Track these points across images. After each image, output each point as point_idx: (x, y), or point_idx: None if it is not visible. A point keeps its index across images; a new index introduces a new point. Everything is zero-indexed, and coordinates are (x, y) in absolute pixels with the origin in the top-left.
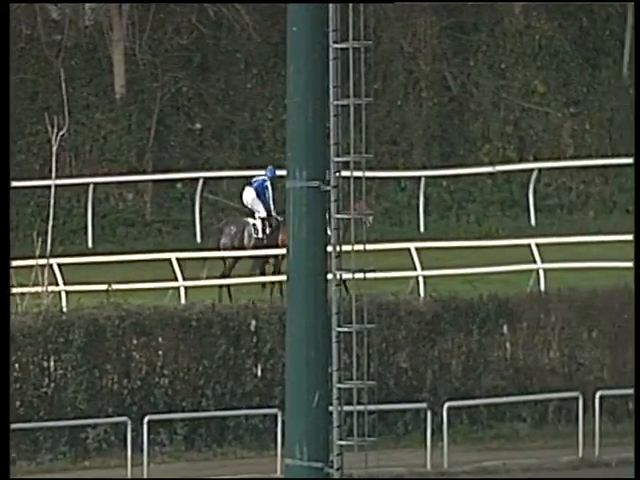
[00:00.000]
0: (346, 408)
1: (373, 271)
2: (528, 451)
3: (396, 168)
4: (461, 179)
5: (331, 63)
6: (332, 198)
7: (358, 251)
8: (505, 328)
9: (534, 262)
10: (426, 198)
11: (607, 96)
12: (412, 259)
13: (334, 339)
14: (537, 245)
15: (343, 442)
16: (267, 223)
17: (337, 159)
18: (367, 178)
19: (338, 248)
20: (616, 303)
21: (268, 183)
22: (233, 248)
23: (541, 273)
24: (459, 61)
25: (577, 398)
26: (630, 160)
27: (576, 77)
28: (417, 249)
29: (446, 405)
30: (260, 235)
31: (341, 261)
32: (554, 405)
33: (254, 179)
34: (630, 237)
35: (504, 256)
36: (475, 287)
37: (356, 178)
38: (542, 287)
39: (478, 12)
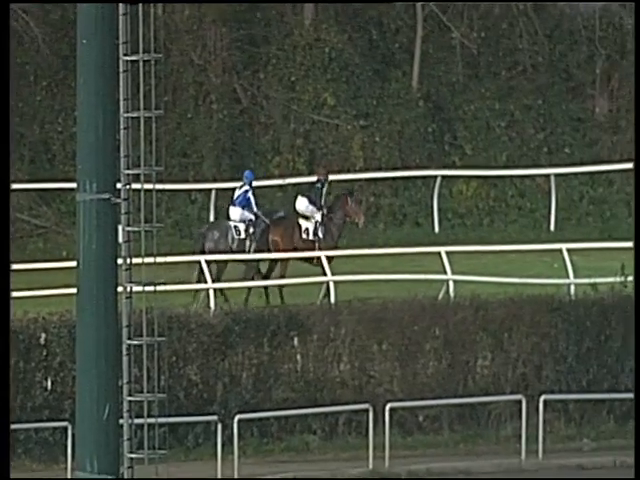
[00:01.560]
0: (136, 421)
1: (164, 284)
2: (319, 463)
3: (186, 181)
4: None
5: (121, 75)
6: (122, 211)
7: (149, 264)
8: (296, 340)
9: (324, 274)
10: (217, 211)
11: (397, 108)
12: (202, 272)
13: (124, 352)
14: (327, 257)
15: (133, 455)
16: (252, 225)
17: (127, 172)
18: (158, 191)
19: (128, 260)
20: (406, 315)
21: (250, 191)
22: (219, 252)
23: (331, 285)
24: (249, 73)
25: (367, 410)
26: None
27: (366, 89)
28: (207, 262)
29: (236, 418)
30: (243, 236)
31: (131, 274)
32: (344, 417)
33: (238, 192)
34: (420, 249)
35: (294, 268)
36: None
37: (146, 191)
38: (332, 299)
39: (268, 25)
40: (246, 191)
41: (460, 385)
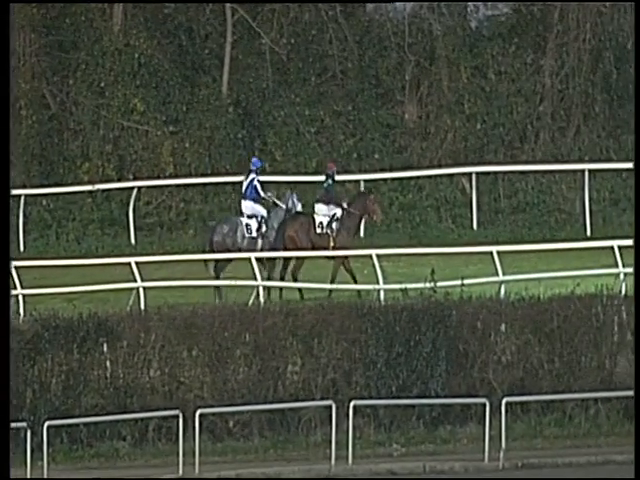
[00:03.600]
0: None
1: None
2: (128, 469)
3: None
4: (61, 198)
5: None
6: None
7: None
8: (105, 347)
9: (134, 280)
10: (26, 217)
11: (206, 114)
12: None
13: None
14: (137, 263)
15: None
16: (265, 223)
17: None
18: None
19: None
20: (216, 321)
21: (255, 178)
22: (225, 247)
23: (141, 291)
24: (58, 79)
25: (177, 416)
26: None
27: (175, 95)
28: (16, 267)
29: (46, 424)
30: (254, 235)
31: None
32: (154, 423)
33: (245, 183)
34: (230, 255)
35: (104, 274)
36: (75, 306)
37: None
38: (142, 305)
39: (77, 30)
40: (252, 179)
41: (270, 391)
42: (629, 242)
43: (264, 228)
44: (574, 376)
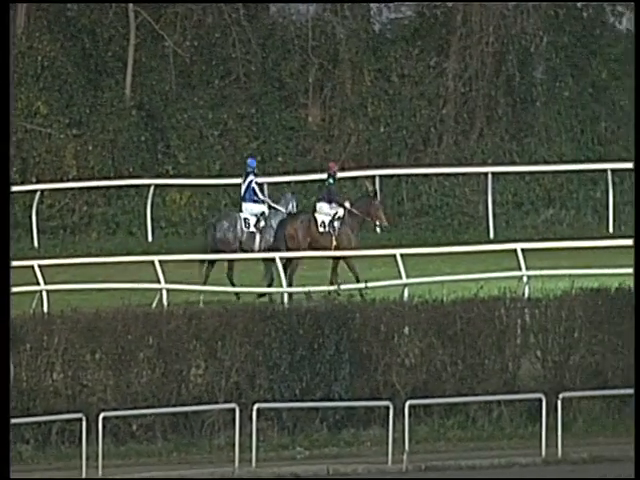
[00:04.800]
0: None
1: None
2: (32, 472)
3: None
4: None
5: None
6: None
7: None
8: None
9: (38, 284)
10: None
11: (110, 117)
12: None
13: None
14: (40, 266)
15: None
16: (263, 219)
17: None
18: None
19: None
20: (119, 324)
21: (253, 180)
22: (228, 243)
23: (44, 295)
24: None
25: (80, 419)
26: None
27: (79, 98)
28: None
29: None
30: (252, 230)
31: None
32: (58, 426)
33: (243, 185)
34: (134, 258)
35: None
36: None
37: None
38: (45, 308)
39: None
40: (250, 182)
41: (174, 394)
42: (532, 245)
43: (262, 223)
44: (477, 379)
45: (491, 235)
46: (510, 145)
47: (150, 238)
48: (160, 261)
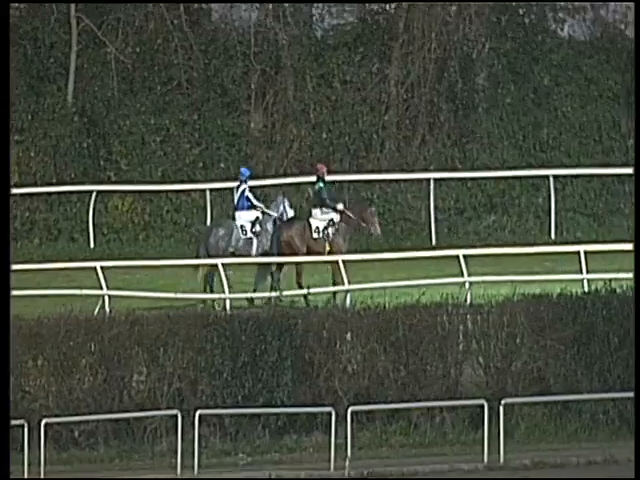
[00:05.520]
0: None
1: None
2: None
3: None
4: None
5: None
6: None
7: None
8: None
9: None
10: None
11: (52, 123)
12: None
13: None
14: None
15: None
16: (259, 223)
17: None
18: None
19: None
20: (61, 330)
21: (246, 189)
22: (219, 250)
23: None
24: None
25: (22, 426)
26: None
27: (20, 104)
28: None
29: None
30: (249, 236)
31: None
32: None
33: (236, 194)
34: (76, 264)
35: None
36: None
37: None
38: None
39: None
40: (243, 190)
41: (116, 400)
42: (474, 251)
43: (258, 228)
44: (419, 385)
45: (433, 241)
46: (452, 151)
47: (92, 244)
48: (102, 267)
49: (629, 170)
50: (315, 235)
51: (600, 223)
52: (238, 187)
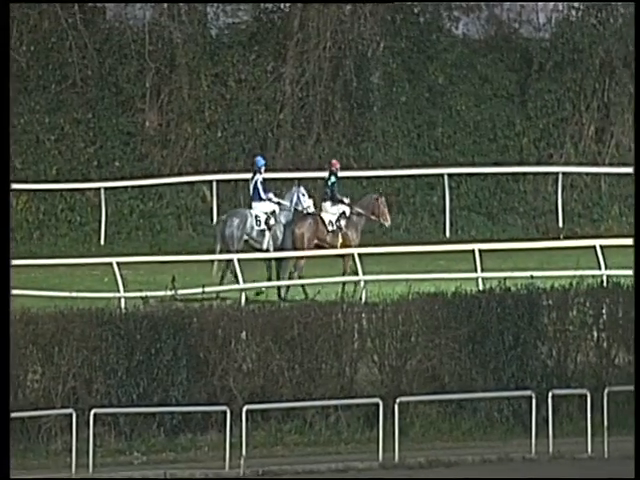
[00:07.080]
0: None
1: None
2: None
3: None
4: None
5: None
6: None
7: None
8: None
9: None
10: None
11: None
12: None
13: None
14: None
15: None
16: (273, 217)
17: None
18: None
19: None
20: None
21: (258, 180)
22: (238, 239)
23: None
24: None
25: None
26: None
27: None
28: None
29: None
30: (263, 227)
31: None
32: None
33: (251, 184)
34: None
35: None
36: None
37: None
38: None
39: None
40: (256, 181)
41: (10, 399)
42: (369, 250)
43: (272, 221)
44: (314, 383)
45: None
46: (347, 150)
47: None
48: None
49: (523, 169)
50: (330, 227)
51: (494, 222)
52: (253, 177)
